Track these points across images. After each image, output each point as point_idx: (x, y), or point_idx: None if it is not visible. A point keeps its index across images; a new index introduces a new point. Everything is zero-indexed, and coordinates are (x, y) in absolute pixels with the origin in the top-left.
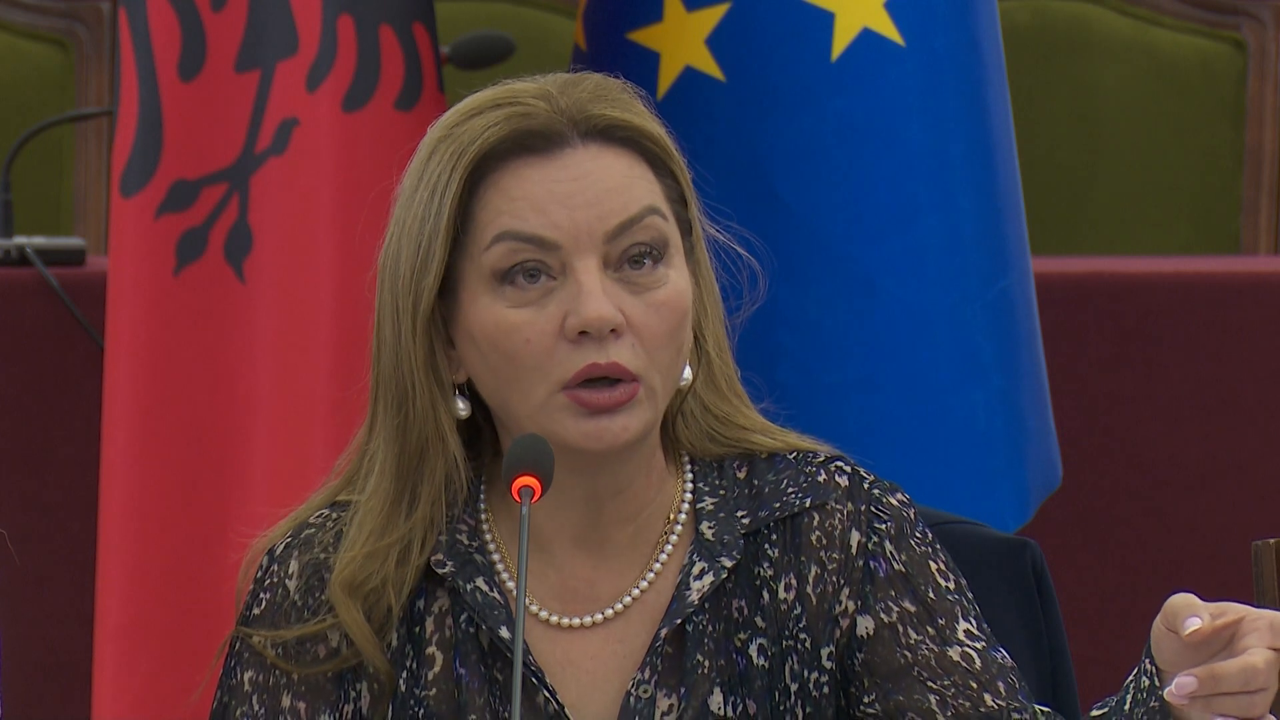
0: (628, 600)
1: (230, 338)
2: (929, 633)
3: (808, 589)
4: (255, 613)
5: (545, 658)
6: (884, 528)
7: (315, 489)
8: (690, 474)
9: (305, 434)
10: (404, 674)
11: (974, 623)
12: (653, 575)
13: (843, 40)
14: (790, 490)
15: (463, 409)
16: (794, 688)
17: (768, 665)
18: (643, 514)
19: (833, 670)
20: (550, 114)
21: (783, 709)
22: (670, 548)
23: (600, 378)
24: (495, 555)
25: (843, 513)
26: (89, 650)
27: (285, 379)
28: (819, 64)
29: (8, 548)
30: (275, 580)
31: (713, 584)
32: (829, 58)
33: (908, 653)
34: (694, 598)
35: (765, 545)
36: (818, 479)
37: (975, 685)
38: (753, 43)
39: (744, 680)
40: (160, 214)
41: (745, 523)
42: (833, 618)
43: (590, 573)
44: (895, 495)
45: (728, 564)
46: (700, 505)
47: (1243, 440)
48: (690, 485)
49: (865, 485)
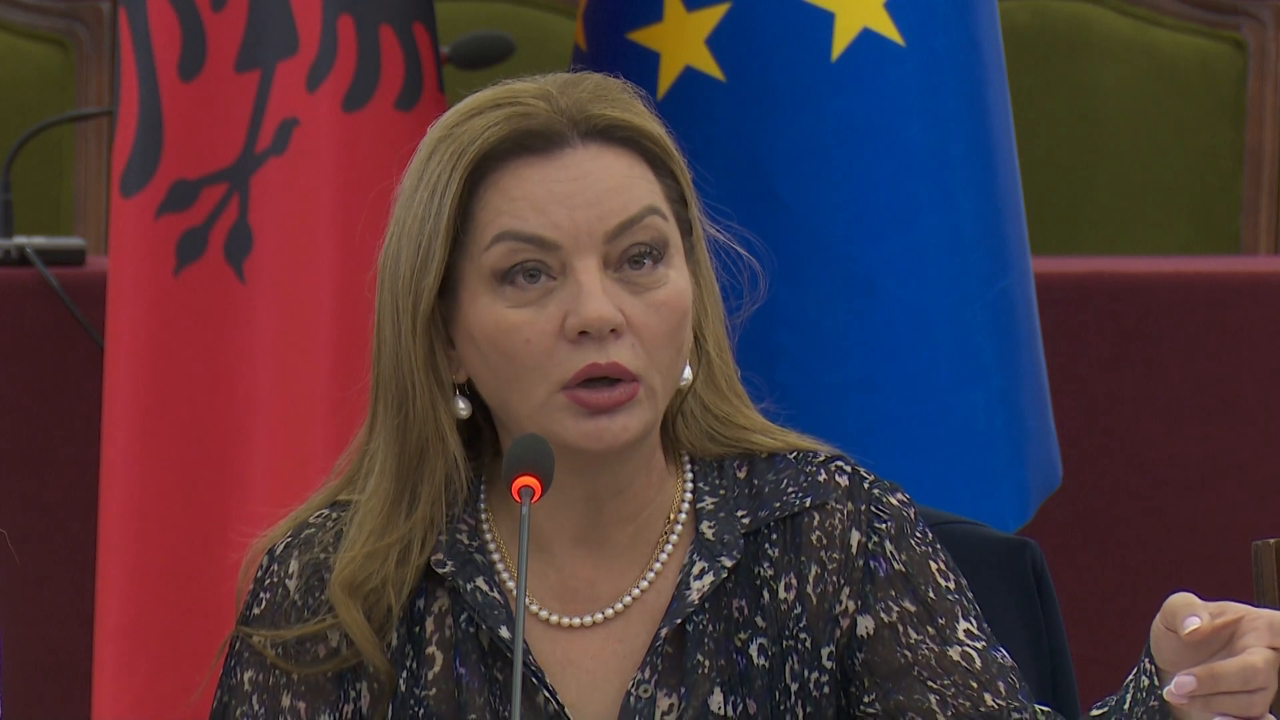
0: (628, 600)
1: (230, 338)
2: (929, 632)
3: (808, 589)
4: (255, 612)
5: (545, 657)
6: (884, 527)
7: (315, 489)
8: (690, 474)
9: (305, 434)
10: (404, 674)
11: (974, 622)
12: (653, 575)
13: (843, 40)
14: (790, 490)
15: (463, 409)
16: (794, 687)
17: (768, 665)
18: (643, 514)
19: (833, 670)
20: (550, 114)
21: (783, 709)
22: (670, 547)
23: (600, 378)
24: (495, 555)
25: (843, 512)
26: (89, 650)
27: (285, 379)
28: (819, 64)
29: (8, 548)
30: (275, 580)
31: (713, 584)
32: (829, 58)
33: (908, 652)
34: (694, 597)
35: (765, 545)
36: (818, 479)
37: (975, 685)
38: (753, 43)
39: (744, 680)
40: (160, 214)
41: (745, 522)
42: (833, 617)
43: (590, 572)
44: (895, 495)
45: (728, 564)
46: (700, 505)
47: (1243, 440)
48: (690, 485)
49: (865, 485)
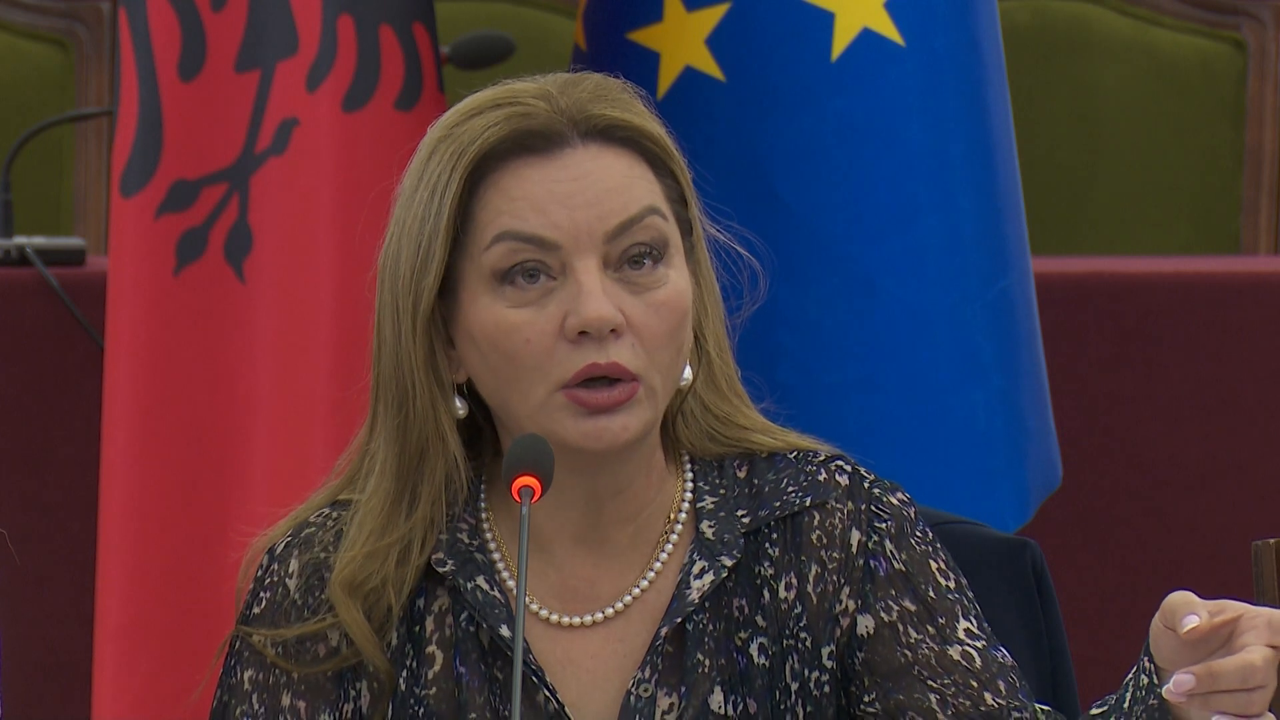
0: (628, 599)
1: (230, 338)
2: (929, 631)
3: (808, 588)
4: (255, 612)
5: (545, 656)
6: (884, 527)
7: (315, 489)
8: (690, 473)
9: (305, 434)
10: (404, 673)
11: (974, 621)
12: (653, 574)
13: (843, 40)
14: (790, 489)
15: (460, 409)
16: (794, 687)
17: (768, 664)
18: (643, 513)
19: (833, 669)
20: (550, 114)
21: (783, 708)
22: (670, 547)
23: (600, 378)
24: (496, 554)
25: (843, 512)
26: (89, 650)
27: (285, 379)
28: (819, 64)
29: (8, 548)
30: (275, 579)
31: (713, 583)
32: (829, 58)
33: (908, 651)
34: (694, 597)
35: (766, 544)
36: (818, 478)
37: (976, 684)
38: (753, 43)
39: (744, 679)
40: (160, 214)
41: (745, 522)
42: (833, 617)
43: (590, 572)
44: (895, 494)
45: (728, 563)
46: (700, 504)
47: (1243, 440)
48: (690, 485)
49: (865, 484)
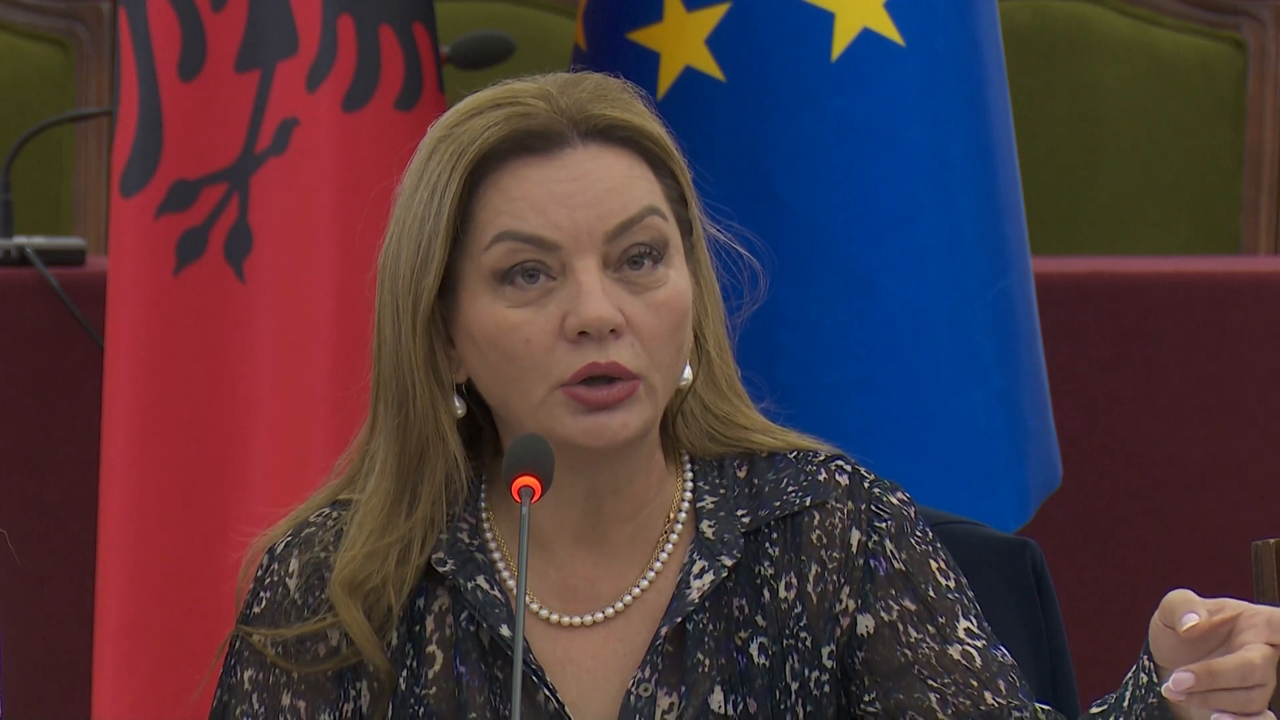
0: (628, 599)
1: (230, 338)
2: (929, 631)
3: (808, 588)
4: (255, 611)
5: (546, 656)
6: (884, 526)
7: (315, 489)
8: (690, 473)
9: (305, 434)
10: (404, 672)
11: (974, 621)
12: (653, 574)
13: (843, 40)
14: (790, 489)
15: (460, 408)
16: (795, 686)
17: (768, 664)
18: (642, 512)
19: (833, 669)
20: (550, 114)
21: (783, 708)
22: (670, 546)
23: (600, 376)
24: (496, 554)
25: (843, 511)
26: (89, 650)
27: (285, 379)
28: (819, 64)
29: (8, 548)
30: (275, 579)
31: (713, 583)
32: (829, 58)
33: (908, 651)
34: (694, 596)
35: (766, 544)
36: (818, 478)
37: (976, 683)
38: (753, 43)
39: (745, 679)
40: (160, 214)
41: (745, 521)
42: (833, 616)
43: (591, 571)
44: (895, 494)
45: (728, 563)
46: (700, 504)
47: (1243, 440)
48: (690, 484)
49: (865, 484)
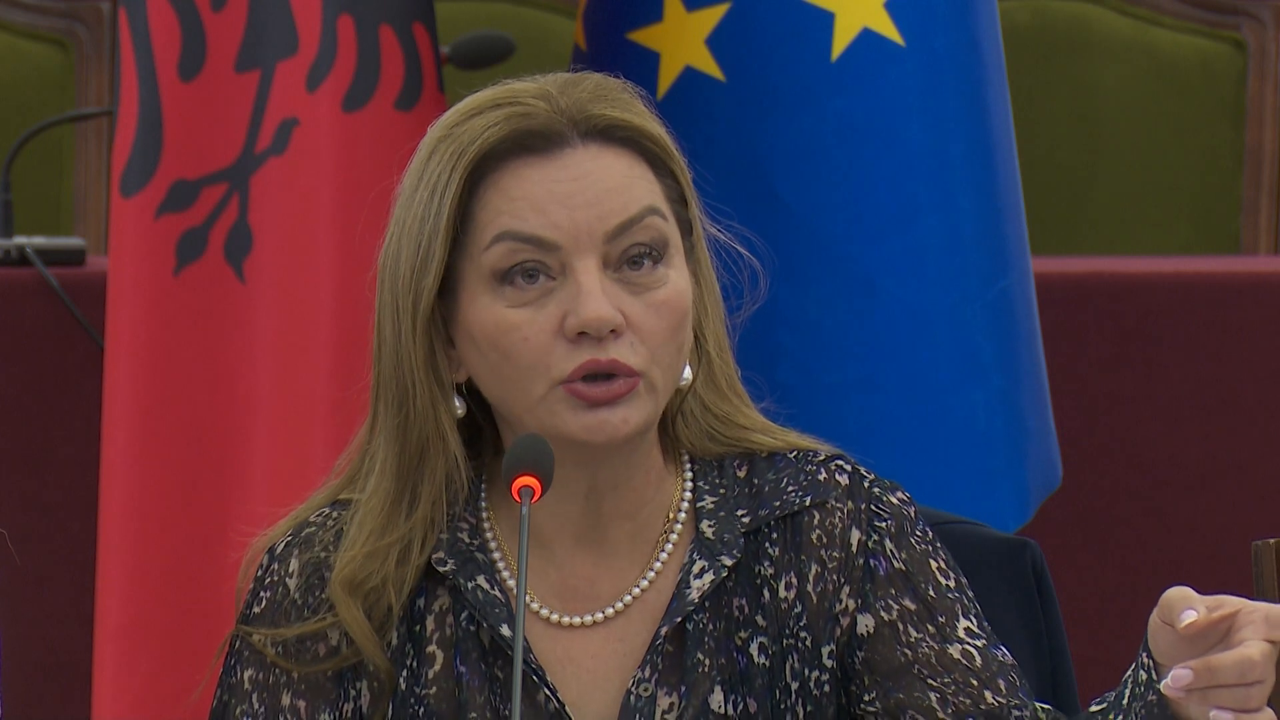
0: (628, 599)
1: (230, 338)
2: (929, 630)
3: (808, 587)
4: (255, 611)
5: (546, 656)
6: (884, 526)
7: (315, 489)
8: (690, 473)
9: (305, 434)
10: (404, 672)
11: (974, 620)
12: (653, 574)
13: (843, 40)
14: (790, 489)
15: (460, 408)
16: (795, 686)
17: (768, 664)
18: (642, 511)
19: (833, 669)
20: (550, 114)
21: (783, 707)
22: (670, 546)
23: (599, 373)
24: (496, 554)
25: (843, 511)
26: (89, 650)
27: (285, 379)
28: (819, 64)
29: (8, 548)
30: (276, 579)
31: (713, 582)
32: (829, 58)
33: (908, 650)
34: (694, 596)
35: (766, 544)
36: (818, 477)
37: (976, 683)
38: (753, 43)
39: (745, 679)
40: (160, 214)
41: (745, 521)
42: (833, 616)
43: (591, 571)
44: (895, 494)
45: (728, 562)
46: (700, 504)
47: (1243, 440)
48: (690, 484)
49: (865, 484)
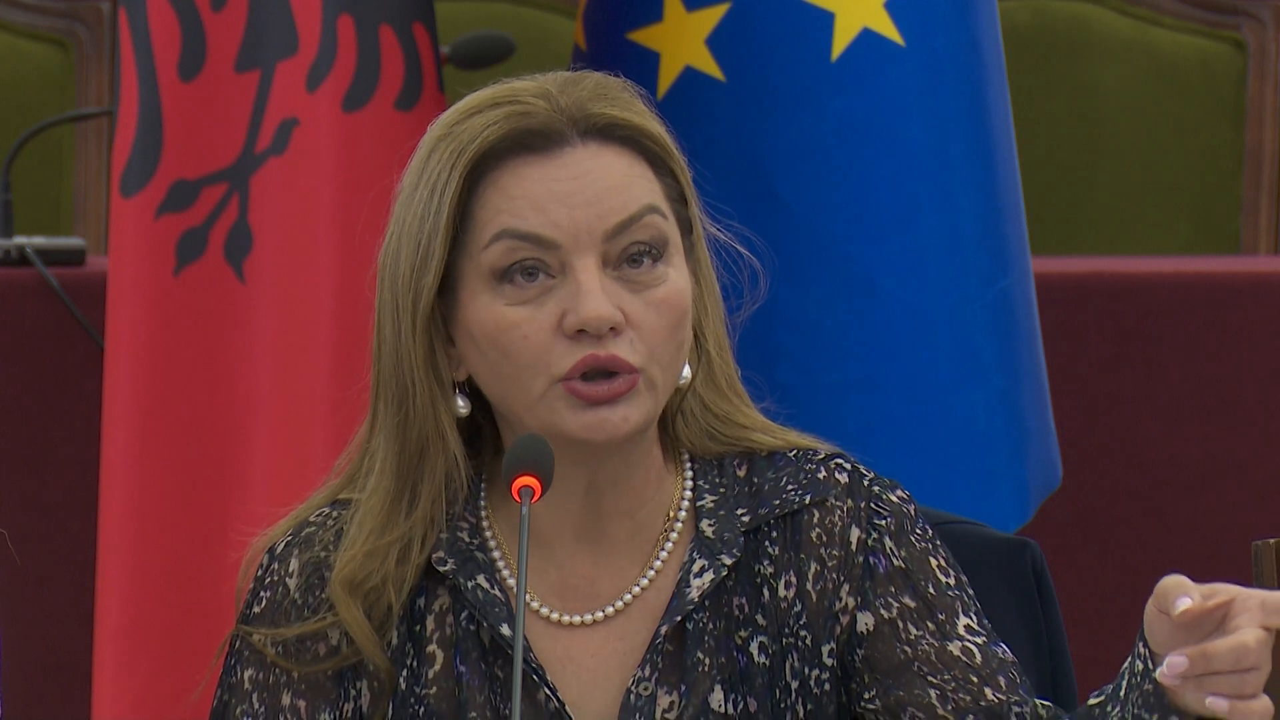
0: (628, 598)
1: (230, 338)
2: (929, 628)
3: (808, 586)
4: (255, 611)
5: (546, 655)
6: (884, 524)
7: (315, 489)
8: (690, 472)
9: (305, 434)
10: (404, 672)
11: (974, 618)
12: (653, 573)
13: (843, 40)
14: (790, 487)
15: (462, 407)
16: (795, 685)
17: (768, 663)
18: (642, 510)
19: (833, 667)
20: (550, 113)
21: (783, 706)
22: (670, 545)
23: (599, 370)
24: (496, 553)
25: (843, 509)
26: (89, 650)
27: (285, 379)
28: (819, 64)
29: (8, 548)
30: (275, 578)
31: (713, 581)
32: (829, 58)
33: (908, 648)
34: (694, 595)
35: (765, 543)
36: (818, 476)
37: (976, 680)
38: (753, 43)
39: (745, 678)
40: (160, 214)
41: (745, 520)
42: (833, 614)
43: (591, 570)
44: (895, 492)
45: (728, 561)
46: (700, 503)
47: (1243, 440)
48: (690, 483)
49: (865, 482)
